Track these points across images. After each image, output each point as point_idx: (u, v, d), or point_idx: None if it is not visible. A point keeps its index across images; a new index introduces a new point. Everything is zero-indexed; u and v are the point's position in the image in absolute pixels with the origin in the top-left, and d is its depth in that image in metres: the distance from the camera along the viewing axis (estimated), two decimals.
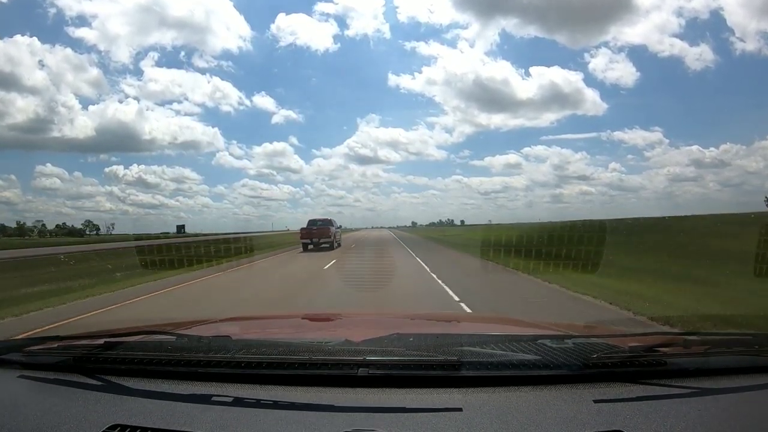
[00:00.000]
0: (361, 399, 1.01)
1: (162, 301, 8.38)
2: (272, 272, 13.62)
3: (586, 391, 1.02)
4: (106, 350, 1.22)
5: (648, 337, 1.28)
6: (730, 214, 31.94)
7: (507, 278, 10.44)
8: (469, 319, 2.97)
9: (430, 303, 7.37)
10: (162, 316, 6.56)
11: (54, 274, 13.10)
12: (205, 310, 7.03)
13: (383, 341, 1.23)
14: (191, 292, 9.47)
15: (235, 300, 8.31)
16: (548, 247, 11.61)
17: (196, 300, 8.43)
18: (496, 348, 1.14)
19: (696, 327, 4.69)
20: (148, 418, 0.96)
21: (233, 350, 1.16)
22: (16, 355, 1.28)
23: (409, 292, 8.49)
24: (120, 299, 8.47)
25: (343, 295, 8.39)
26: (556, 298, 7.63)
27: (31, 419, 0.98)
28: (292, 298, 8.37)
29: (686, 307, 6.24)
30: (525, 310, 6.34)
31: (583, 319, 5.10)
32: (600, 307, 6.57)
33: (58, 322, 6.33)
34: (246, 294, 9.07)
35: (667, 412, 0.93)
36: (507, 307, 6.77)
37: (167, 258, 13.17)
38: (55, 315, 6.99)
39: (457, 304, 7.10)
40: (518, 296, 7.77)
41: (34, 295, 9.06)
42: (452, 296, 7.72)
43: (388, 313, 3.29)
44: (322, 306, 7.16)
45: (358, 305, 7.10)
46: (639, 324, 5.21)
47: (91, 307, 7.70)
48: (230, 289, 10.10)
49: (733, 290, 7.66)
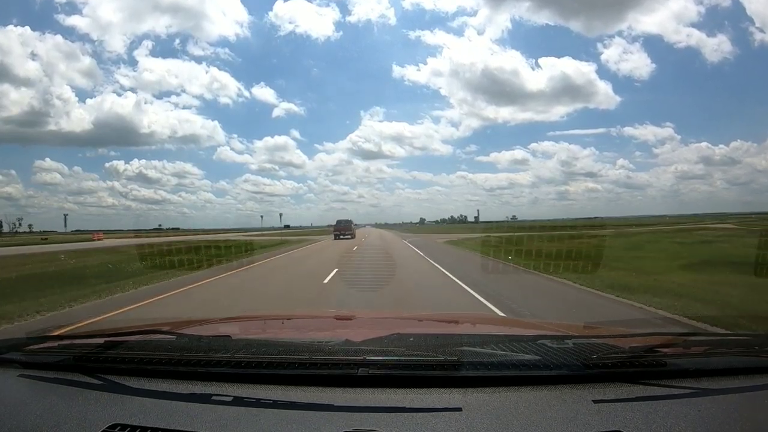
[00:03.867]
0: (360, 399, 1.01)
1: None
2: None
3: (586, 392, 1.02)
4: (107, 350, 1.22)
5: (648, 338, 1.28)
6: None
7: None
8: (469, 320, 2.97)
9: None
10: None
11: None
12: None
13: (383, 341, 1.23)
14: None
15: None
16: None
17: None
18: (496, 348, 1.14)
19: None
20: (148, 417, 0.96)
21: (233, 350, 1.16)
22: (16, 354, 1.28)
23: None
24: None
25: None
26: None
27: (32, 418, 0.98)
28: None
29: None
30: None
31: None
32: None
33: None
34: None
35: (667, 413, 0.93)
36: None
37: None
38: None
39: None
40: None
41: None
42: None
43: (388, 313, 3.29)
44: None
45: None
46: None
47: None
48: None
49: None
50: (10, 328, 5.62)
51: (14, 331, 5.24)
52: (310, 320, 2.42)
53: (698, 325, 4.97)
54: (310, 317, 2.71)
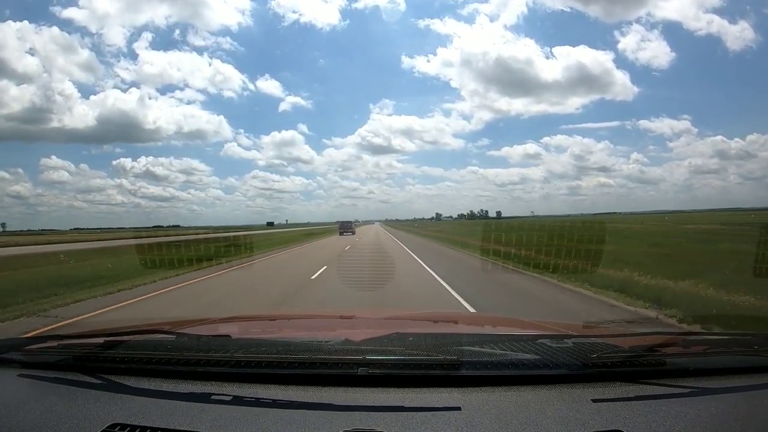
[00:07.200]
0: (360, 398, 1.01)
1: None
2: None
3: (586, 391, 1.02)
4: (106, 349, 1.22)
5: (648, 337, 1.28)
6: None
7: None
8: (469, 319, 2.97)
9: None
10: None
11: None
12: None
13: (383, 341, 1.23)
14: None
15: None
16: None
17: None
18: (495, 347, 1.14)
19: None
20: (148, 417, 0.96)
21: (233, 349, 1.16)
22: (16, 354, 1.28)
23: None
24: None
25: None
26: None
27: (31, 418, 0.98)
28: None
29: None
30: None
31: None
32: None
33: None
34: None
35: (667, 412, 0.93)
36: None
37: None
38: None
39: None
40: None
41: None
42: None
43: (388, 312, 3.29)
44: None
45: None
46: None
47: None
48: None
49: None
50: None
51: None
52: (310, 320, 2.43)
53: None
54: (310, 317, 2.71)
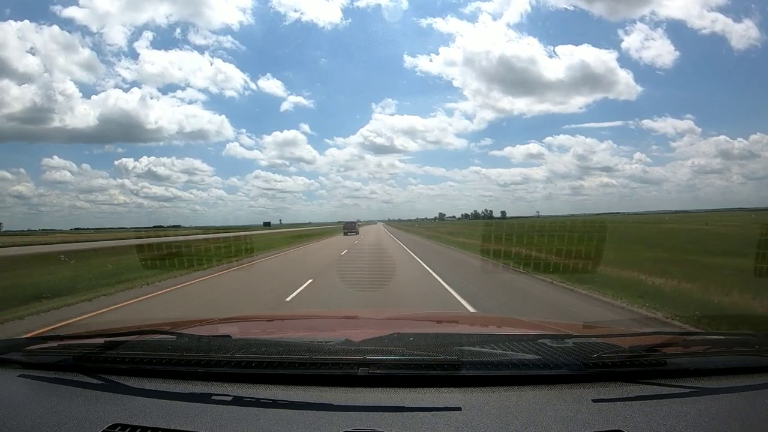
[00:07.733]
0: (360, 398, 1.01)
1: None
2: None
3: (586, 391, 1.02)
4: (107, 350, 1.22)
5: (648, 337, 1.28)
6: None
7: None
8: (469, 319, 2.97)
9: None
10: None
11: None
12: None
13: (383, 341, 1.23)
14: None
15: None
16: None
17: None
18: (496, 347, 1.14)
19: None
20: (148, 417, 0.96)
21: (233, 350, 1.17)
22: (16, 354, 1.29)
23: None
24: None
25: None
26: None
27: (32, 418, 0.98)
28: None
29: None
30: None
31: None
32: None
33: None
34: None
35: (667, 412, 0.93)
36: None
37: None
38: None
39: None
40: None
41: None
42: None
43: (388, 312, 3.29)
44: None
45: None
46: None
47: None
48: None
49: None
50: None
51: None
52: (310, 320, 2.43)
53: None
54: (310, 317, 2.71)
